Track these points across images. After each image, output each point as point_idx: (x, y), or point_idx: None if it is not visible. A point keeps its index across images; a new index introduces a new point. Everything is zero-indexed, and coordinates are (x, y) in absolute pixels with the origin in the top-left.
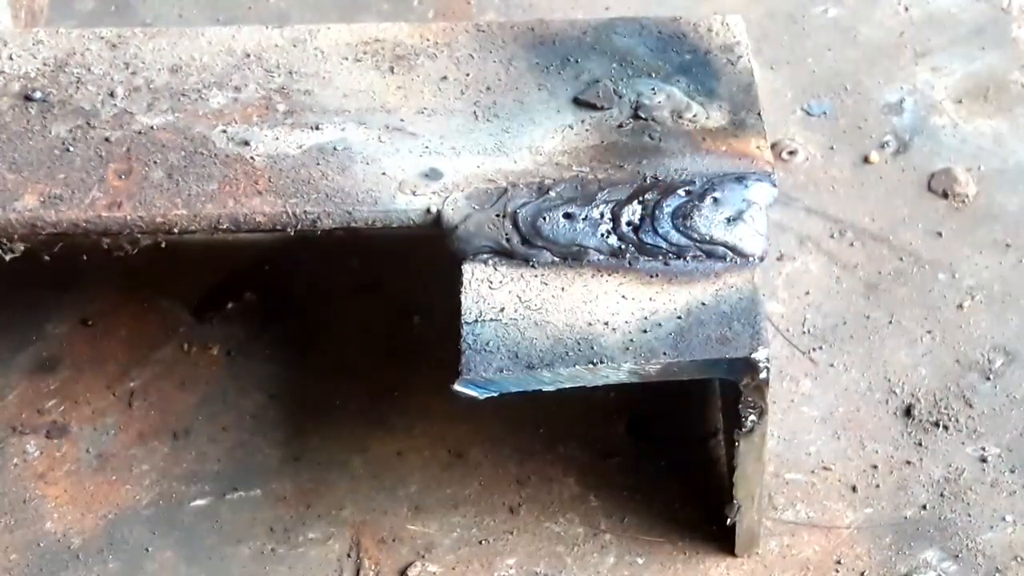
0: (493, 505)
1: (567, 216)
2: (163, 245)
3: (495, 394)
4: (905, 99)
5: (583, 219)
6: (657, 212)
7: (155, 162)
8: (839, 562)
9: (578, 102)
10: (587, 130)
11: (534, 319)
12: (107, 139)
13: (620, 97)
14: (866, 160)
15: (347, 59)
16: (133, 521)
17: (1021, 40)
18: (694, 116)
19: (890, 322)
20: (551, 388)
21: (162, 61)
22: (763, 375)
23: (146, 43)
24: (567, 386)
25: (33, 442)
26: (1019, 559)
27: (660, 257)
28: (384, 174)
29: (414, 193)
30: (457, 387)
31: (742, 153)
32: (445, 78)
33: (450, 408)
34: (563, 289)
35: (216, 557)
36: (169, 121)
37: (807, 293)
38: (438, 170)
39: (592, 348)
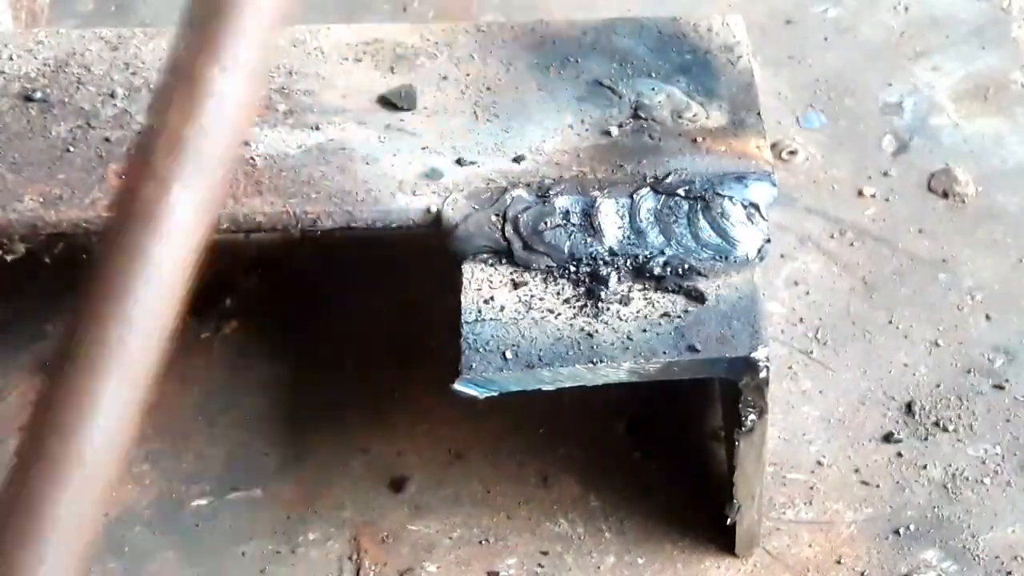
0: (493, 505)
1: (567, 216)
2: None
3: (495, 394)
4: (905, 99)
5: None
6: (657, 212)
7: None
8: (839, 562)
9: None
10: (587, 130)
11: (534, 318)
12: (107, 139)
13: (620, 97)
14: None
15: (347, 59)
16: (133, 521)
17: (1021, 40)
18: (694, 116)
19: (890, 322)
20: (551, 388)
21: (162, 61)
22: (763, 375)
23: (146, 43)
24: (567, 386)
25: None
26: (1019, 559)
27: (660, 257)
28: (384, 174)
29: (414, 193)
30: (457, 387)
31: (742, 153)
32: (445, 78)
33: (450, 408)
34: (563, 288)
35: (216, 557)
36: None
37: (807, 293)
38: (438, 170)
39: (592, 348)
